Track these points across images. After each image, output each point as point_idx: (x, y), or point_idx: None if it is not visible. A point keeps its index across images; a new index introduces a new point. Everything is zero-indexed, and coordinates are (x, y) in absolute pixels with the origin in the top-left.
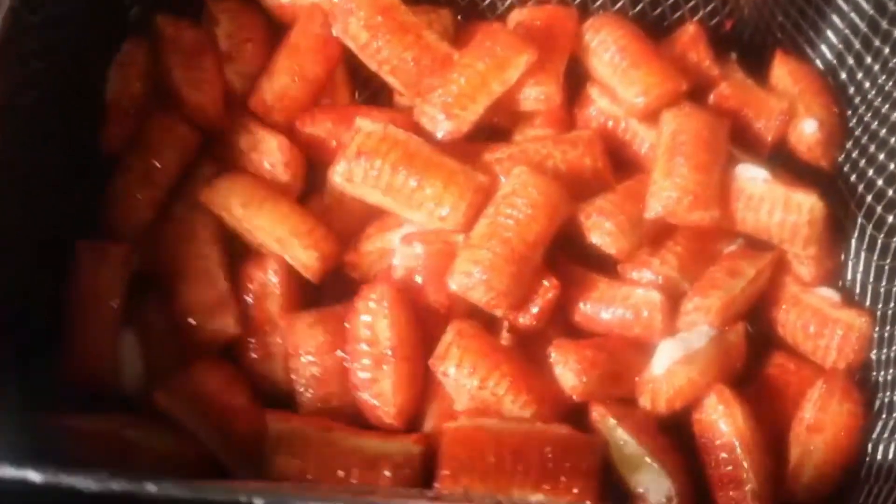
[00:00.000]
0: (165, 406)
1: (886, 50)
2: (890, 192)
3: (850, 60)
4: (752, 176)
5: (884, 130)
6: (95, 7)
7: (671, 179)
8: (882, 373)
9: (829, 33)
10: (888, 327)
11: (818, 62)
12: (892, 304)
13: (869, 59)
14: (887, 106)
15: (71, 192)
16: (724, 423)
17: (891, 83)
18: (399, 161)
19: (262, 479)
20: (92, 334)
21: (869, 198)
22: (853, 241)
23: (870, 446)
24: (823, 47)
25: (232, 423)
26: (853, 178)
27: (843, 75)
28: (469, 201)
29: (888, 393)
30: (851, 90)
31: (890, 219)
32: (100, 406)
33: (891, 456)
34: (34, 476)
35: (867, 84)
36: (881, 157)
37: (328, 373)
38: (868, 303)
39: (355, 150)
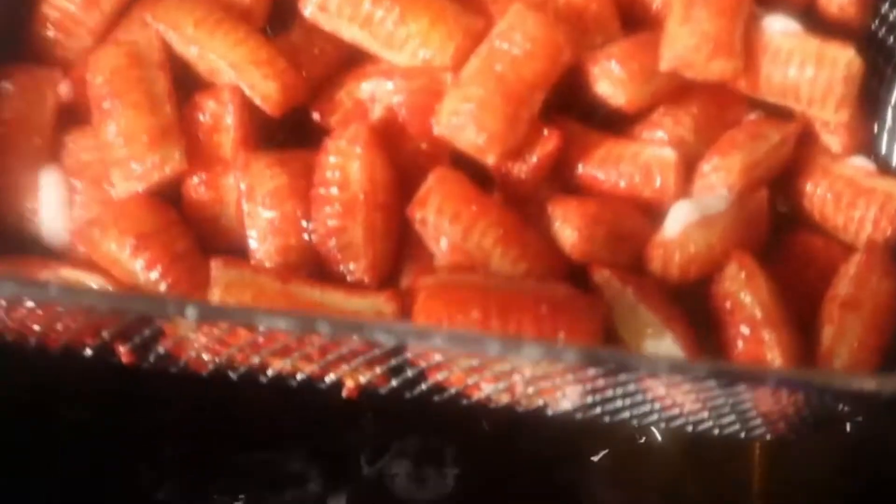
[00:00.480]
0: (86, 246)
1: None
2: None
3: None
4: (781, 28)
5: None
6: None
7: (689, 26)
8: None
9: None
10: None
11: None
12: None
13: None
14: None
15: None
16: (745, 293)
17: None
18: None
19: None
20: (9, 169)
21: None
22: (889, 110)
23: None
24: None
25: (169, 272)
26: (890, 40)
27: None
28: (458, 43)
29: None
30: None
31: None
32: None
33: None
34: None
35: None
36: None
37: (287, 221)
38: None
39: None
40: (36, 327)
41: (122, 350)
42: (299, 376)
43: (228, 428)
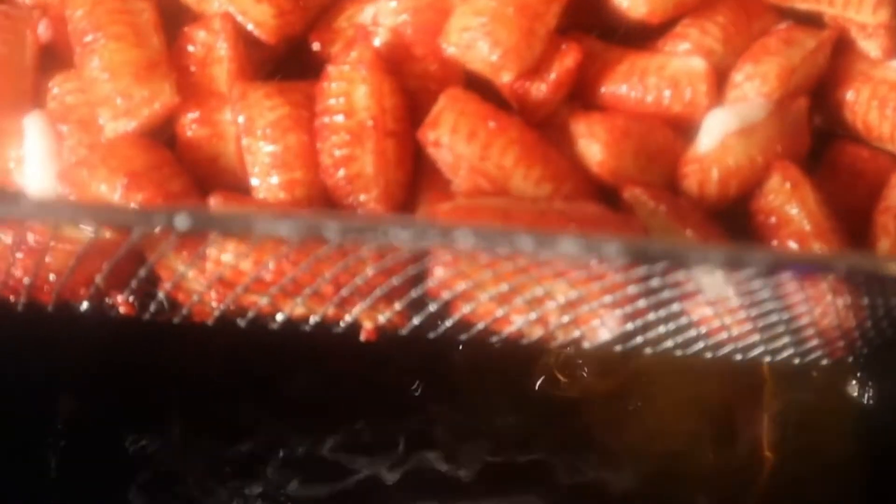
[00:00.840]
0: (74, 189)
1: None
2: None
3: None
4: None
5: None
6: None
7: None
8: None
9: None
10: None
11: None
12: None
13: None
14: None
15: None
16: (792, 205)
17: None
18: None
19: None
20: None
21: None
22: None
23: None
24: None
25: None
26: None
27: None
28: None
29: None
30: None
31: None
32: None
33: None
34: None
35: None
36: None
37: (290, 153)
38: None
39: None
40: (25, 279)
41: (120, 300)
42: (312, 320)
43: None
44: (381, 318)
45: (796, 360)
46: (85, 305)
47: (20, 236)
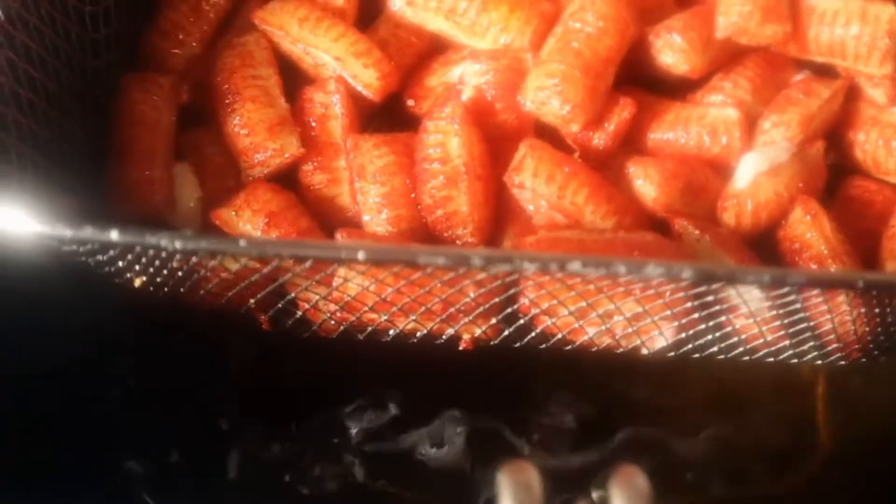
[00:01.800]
0: (225, 225)
1: None
2: None
3: None
4: None
5: None
6: None
7: None
8: None
9: None
10: None
11: None
12: None
13: None
14: None
15: (118, 25)
16: (812, 233)
17: None
18: None
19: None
20: (143, 165)
21: None
22: None
23: None
24: None
25: None
26: None
27: None
28: (535, 27)
29: None
30: None
31: None
32: None
33: None
34: (115, 236)
35: None
36: None
37: (396, 194)
38: None
39: None
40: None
41: (263, 318)
42: (419, 333)
43: None
44: (478, 331)
45: (819, 362)
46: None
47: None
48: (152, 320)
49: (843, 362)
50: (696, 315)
